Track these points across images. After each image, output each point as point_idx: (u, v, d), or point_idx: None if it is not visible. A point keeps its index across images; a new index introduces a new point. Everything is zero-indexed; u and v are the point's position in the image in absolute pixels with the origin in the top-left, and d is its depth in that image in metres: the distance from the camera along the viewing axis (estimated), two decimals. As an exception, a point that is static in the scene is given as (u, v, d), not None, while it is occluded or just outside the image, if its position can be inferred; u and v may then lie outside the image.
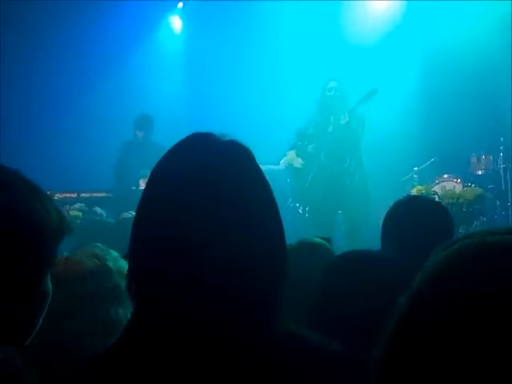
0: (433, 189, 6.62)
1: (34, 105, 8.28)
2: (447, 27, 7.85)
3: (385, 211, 2.41)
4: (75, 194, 6.74)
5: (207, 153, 1.18)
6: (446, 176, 7.04)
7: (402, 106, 7.72)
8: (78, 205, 6.47)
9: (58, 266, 1.73)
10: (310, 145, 6.48)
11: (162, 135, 6.93)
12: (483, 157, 7.28)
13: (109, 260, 1.74)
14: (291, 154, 6.59)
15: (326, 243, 2.31)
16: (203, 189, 1.13)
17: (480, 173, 7.25)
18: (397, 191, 6.48)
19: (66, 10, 8.17)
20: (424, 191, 6.28)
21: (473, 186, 6.70)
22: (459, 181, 6.94)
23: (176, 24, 9.37)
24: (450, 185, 6.87)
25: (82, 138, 8.21)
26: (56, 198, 6.32)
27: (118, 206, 6.30)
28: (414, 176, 7.32)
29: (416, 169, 7.36)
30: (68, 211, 6.12)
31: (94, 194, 6.82)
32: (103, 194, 6.87)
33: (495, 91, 7.45)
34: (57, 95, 8.35)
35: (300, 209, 6.59)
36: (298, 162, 6.54)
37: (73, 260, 1.73)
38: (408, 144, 7.57)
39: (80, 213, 6.31)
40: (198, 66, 8.92)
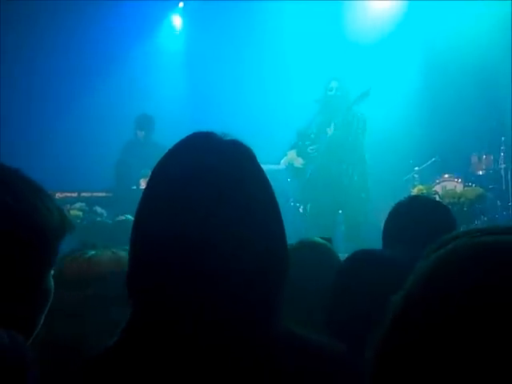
0: (434, 188, 6.61)
1: (35, 104, 8.29)
2: (448, 27, 7.85)
3: (385, 211, 2.40)
4: (76, 194, 6.74)
5: (208, 152, 1.18)
6: (446, 176, 7.03)
7: (402, 106, 7.72)
8: (78, 204, 6.47)
9: (81, 266, 1.74)
10: (311, 145, 6.48)
11: (163, 135, 6.93)
12: (484, 156, 7.28)
13: None
14: (292, 153, 6.59)
15: (327, 243, 2.31)
16: (204, 188, 1.13)
17: (481, 172, 7.24)
18: (398, 191, 6.48)
19: (67, 9, 8.18)
20: (425, 191, 6.27)
21: (474, 185, 6.69)
22: (460, 180, 6.94)
23: (177, 23, 9.37)
24: (451, 184, 6.86)
25: (83, 138, 8.21)
26: (56, 197, 6.32)
27: (119, 206, 6.29)
28: (415, 176, 7.32)
29: (417, 168, 7.36)
30: (68, 211, 6.12)
31: (95, 194, 6.82)
32: (104, 194, 6.87)
33: (496, 91, 7.45)
34: (57, 95, 8.35)
35: (300, 208, 6.60)
36: (299, 162, 6.54)
37: (94, 260, 1.74)
38: (409, 144, 7.56)
39: (80, 212, 6.31)
40: (199, 65, 8.92)
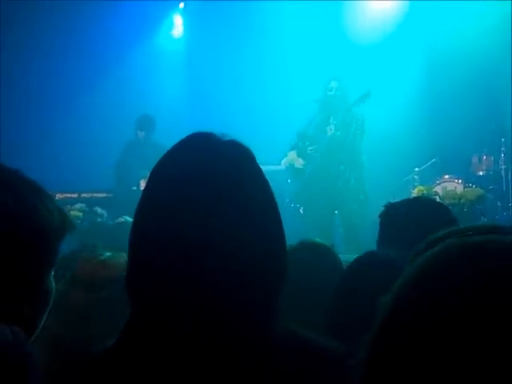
0: (434, 189, 6.61)
1: (35, 105, 8.28)
2: (449, 27, 7.85)
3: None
4: (76, 195, 6.74)
5: (207, 153, 1.18)
6: (447, 177, 7.03)
7: (403, 107, 7.72)
8: (78, 205, 6.47)
9: (95, 268, 1.75)
10: (310, 145, 6.49)
11: (163, 135, 6.93)
12: (484, 157, 7.28)
13: None
14: (292, 154, 6.59)
15: (328, 244, 2.31)
16: (203, 188, 1.13)
17: (481, 173, 7.24)
18: (398, 192, 6.48)
19: (66, 9, 8.17)
20: (425, 192, 6.27)
21: (474, 186, 6.69)
22: (460, 181, 6.93)
23: (177, 24, 9.36)
24: (451, 185, 6.86)
25: (83, 139, 8.20)
26: (57, 198, 6.32)
27: (119, 207, 6.29)
28: (415, 177, 7.31)
29: (417, 169, 7.35)
30: (69, 211, 6.11)
31: (95, 195, 6.82)
32: (104, 195, 6.88)
33: (496, 92, 7.44)
34: (57, 95, 8.35)
35: (301, 209, 6.60)
36: (299, 163, 6.54)
37: (109, 263, 1.75)
38: (409, 145, 7.56)
39: (81, 213, 6.31)
40: (199, 65, 8.91)
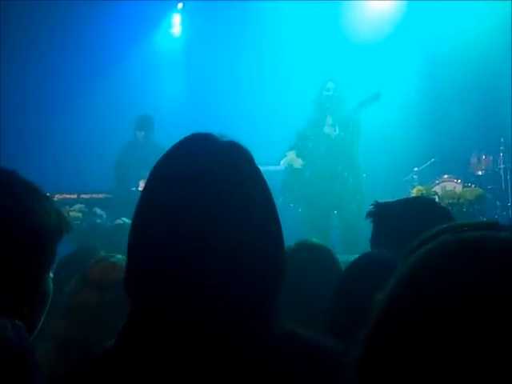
0: (433, 189, 6.61)
1: (33, 106, 8.28)
2: (448, 28, 7.85)
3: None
4: (75, 195, 6.74)
5: (206, 154, 1.18)
6: (446, 176, 7.03)
7: (402, 107, 7.72)
8: (77, 206, 6.46)
9: (105, 270, 1.75)
10: (310, 145, 6.49)
11: (162, 136, 6.92)
12: (483, 157, 7.28)
13: None
14: (291, 154, 6.59)
15: (325, 245, 2.31)
16: (202, 189, 1.13)
17: (480, 173, 7.24)
18: (397, 192, 6.48)
19: (65, 9, 8.17)
20: (424, 191, 6.27)
21: (473, 186, 6.69)
22: (459, 181, 6.93)
23: (176, 24, 9.35)
24: (451, 185, 6.86)
25: (82, 139, 8.20)
26: (56, 199, 6.31)
27: (118, 207, 6.28)
28: (415, 176, 7.31)
29: (416, 169, 7.36)
30: (68, 212, 6.11)
31: (94, 195, 6.82)
32: (103, 195, 6.87)
33: (495, 91, 7.45)
34: (56, 96, 8.34)
35: (299, 209, 6.60)
36: (299, 163, 6.54)
37: (119, 265, 1.75)
38: (408, 144, 7.56)
39: (80, 214, 6.31)
40: (198, 65, 8.91)
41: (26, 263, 1.23)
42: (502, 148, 7.07)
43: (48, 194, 1.32)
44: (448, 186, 6.84)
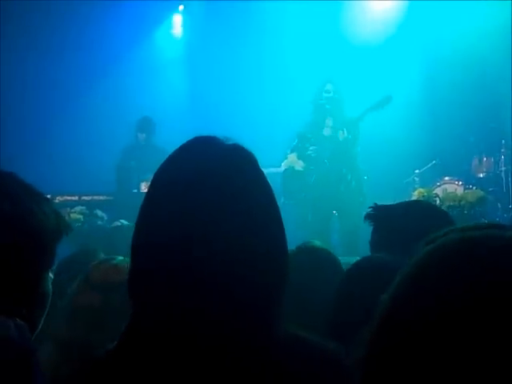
0: (434, 191, 6.60)
1: (35, 107, 8.28)
2: (449, 30, 7.85)
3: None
4: (76, 197, 6.74)
5: (210, 157, 1.17)
6: (447, 178, 7.03)
7: (403, 109, 7.71)
8: (78, 208, 6.46)
9: (107, 271, 1.75)
10: (311, 147, 6.48)
11: (163, 138, 6.93)
12: (484, 159, 7.28)
13: None
14: (292, 156, 6.59)
15: (327, 247, 2.31)
16: (205, 192, 1.13)
17: (481, 175, 7.24)
18: (398, 194, 6.47)
19: (64, 9, 8.17)
20: (425, 194, 6.26)
21: (474, 188, 6.69)
22: (460, 183, 6.93)
23: (177, 25, 9.36)
24: (452, 187, 6.85)
25: (83, 141, 8.20)
26: (57, 200, 6.32)
27: (120, 209, 6.28)
28: (416, 179, 7.31)
29: (417, 171, 7.36)
30: (69, 214, 6.11)
31: (95, 197, 6.81)
32: (104, 197, 6.87)
33: (496, 94, 7.44)
34: (58, 98, 8.34)
35: (298, 212, 6.59)
36: (300, 165, 6.54)
37: (121, 267, 1.75)
38: (409, 146, 7.56)
39: (81, 216, 6.30)
40: (199, 67, 8.91)
41: (25, 265, 1.22)
42: (503, 150, 7.07)
43: (49, 196, 1.32)
44: (449, 188, 6.83)
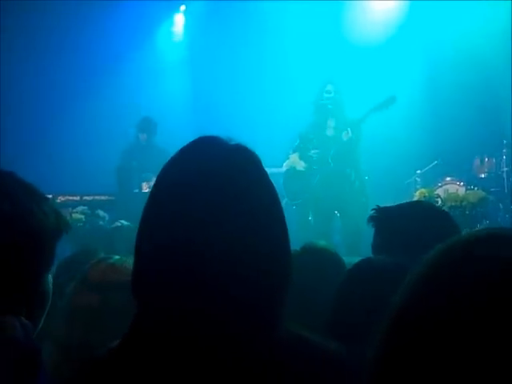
0: (436, 192, 6.59)
1: (38, 108, 8.29)
2: (451, 30, 7.85)
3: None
4: (78, 197, 6.74)
5: (213, 157, 1.17)
6: (448, 179, 7.02)
7: (404, 109, 7.70)
8: (80, 208, 6.46)
9: (105, 271, 1.75)
10: (313, 149, 6.48)
11: (164, 139, 6.93)
12: (486, 159, 7.28)
13: None
14: (294, 157, 6.59)
15: (331, 248, 2.31)
16: (208, 193, 1.13)
17: (483, 176, 7.24)
18: (399, 194, 6.47)
19: (65, 10, 8.17)
20: (427, 194, 6.25)
21: (476, 188, 6.68)
22: (462, 184, 6.92)
23: (178, 26, 9.36)
24: (453, 188, 6.85)
25: (85, 141, 8.21)
26: (59, 200, 6.33)
27: (121, 209, 6.29)
28: (417, 179, 7.31)
29: (419, 172, 7.36)
30: (71, 214, 6.11)
31: (97, 197, 6.82)
32: (106, 197, 6.87)
33: (498, 94, 7.44)
34: (59, 98, 8.35)
35: (301, 212, 6.58)
36: (301, 165, 6.54)
37: (118, 266, 1.75)
38: (411, 147, 7.56)
39: (82, 216, 6.30)
40: (200, 68, 8.92)
41: (25, 265, 1.23)
42: (504, 151, 7.07)
43: (51, 196, 1.32)
44: (451, 189, 6.83)
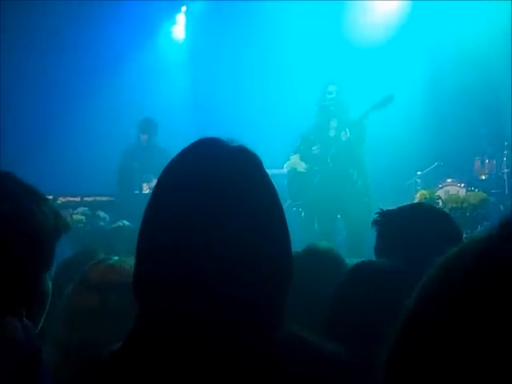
0: (436, 193, 6.59)
1: (39, 109, 8.29)
2: (452, 32, 7.84)
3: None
4: (78, 198, 6.74)
5: (214, 159, 1.17)
6: (449, 180, 7.02)
7: (405, 110, 7.71)
8: (81, 209, 6.47)
9: (104, 272, 1.75)
10: (315, 150, 6.48)
11: (165, 139, 6.93)
12: (487, 161, 7.28)
13: None
14: (295, 158, 6.59)
15: (334, 249, 2.30)
16: (209, 195, 1.13)
17: (484, 177, 7.24)
18: (400, 195, 6.47)
19: (65, 10, 8.18)
20: (428, 195, 6.25)
21: (476, 190, 6.68)
22: (463, 185, 6.92)
23: (180, 26, 9.36)
24: (454, 189, 6.85)
25: (85, 142, 8.21)
26: (59, 201, 6.33)
27: (122, 210, 6.29)
28: (418, 180, 7.31)
29: (419, 173, 7.35)
30: (71, 215, 6.11)
31: (98, 198, 6.82)
32: (106, 198, 6.87)
33: (499, 96, 7.44)
34: (60, 99, 8.35)
35: (303, 212, 6.58)
36: (302, 167, 6.53)
37: (117, 267, 1.75)
38: (411, 148, 7.55)
39: (83, 217, 6.31)
40: (201, 68, 8.92)
41: (24, 265, 1.23)
42: (505, 152, 7.06)
43: (51, 197, 1.32)
44: (451, 190, 6.82)
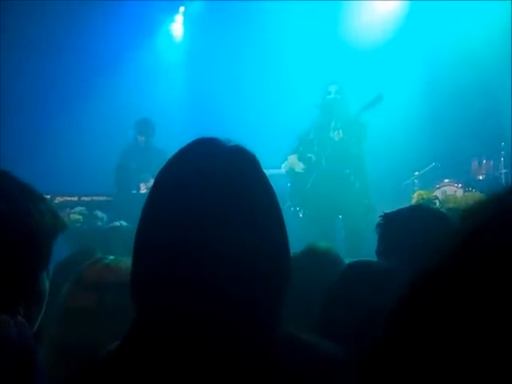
0: (434, 194, 6.61)
1: (35, 108, 8.28)
2: (449, 32, 7.85)
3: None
4: (76, 198, 6.73)
5: (211, 158, 1.17)
6: (446, 181, 7.03)
7: (402, 110, 7.72)
8: (78, 208, 6.46)
9: (100, 272, 1.75)
10: (312, 150, 6.48)
11: (163, 140, 6.93)
12: (484, 162, 7.28)
13: None
14: (293, 158, 6.59)
15: (333, 249, 2.30)
16: (207, 195, 1.13)
17: (481, 178, 7.25)
18: (398, 196, 6.48)
19: (65, 10, 8.17)
20: (425, 196, 6.26)
21: (474, 190, 6.69)
22: (460, 186, 6.93)
23: (178, 27, 9.36)
24: (451, 189, 6.86)
25: (83, 142, 8.20)
26: (57, 201, 6.32)
27: (119, 210, 6.28)
28: (415, 181, 7.32)
29: (417, 173, 7.36)
30: (69, 215, 6.11)
31: (95, 198, 6.81)
32: (104, 198, 6.86)
33: (497, 96, 7.45)
34: (58, 99, 8.35)
35: (301, 213, 6.58)
36: (300, 167, 6.53)
37: (113, 267, 1.76)
38: (409, 149, 7.56)
39: (80, 216, 6.30)
40: (200, 69, 8.92)
41: (21, 264, 1.23)
42: (502, 153, 7.07)
43: (49, 197, 1.32)
44: (449, 191, 6.84)
